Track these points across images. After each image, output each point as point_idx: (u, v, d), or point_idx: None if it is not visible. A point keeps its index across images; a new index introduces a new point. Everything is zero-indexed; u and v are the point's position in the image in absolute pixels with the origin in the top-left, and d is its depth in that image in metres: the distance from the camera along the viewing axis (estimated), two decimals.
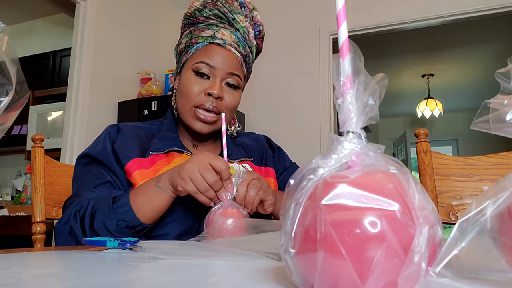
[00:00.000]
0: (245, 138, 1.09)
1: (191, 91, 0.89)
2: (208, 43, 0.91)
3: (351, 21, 3.00)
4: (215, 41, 0.90)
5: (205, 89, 0.89)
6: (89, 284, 0.32)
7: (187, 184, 0.71)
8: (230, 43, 0.91)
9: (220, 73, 0.90)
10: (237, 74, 0.92)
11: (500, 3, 2.68)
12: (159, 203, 0.75)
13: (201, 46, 0.91)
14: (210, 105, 0.88)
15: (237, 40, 0.92)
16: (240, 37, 0.93)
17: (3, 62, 0.41)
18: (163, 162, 0.88)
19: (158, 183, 0.75)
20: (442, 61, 5.23)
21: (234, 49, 0.91)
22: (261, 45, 1.02)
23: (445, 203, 0.99)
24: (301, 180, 0.29)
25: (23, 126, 3.90)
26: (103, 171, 0.86)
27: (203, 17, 0.93)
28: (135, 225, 0.73)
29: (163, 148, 0.90)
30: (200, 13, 0.93)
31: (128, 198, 0.75)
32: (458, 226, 0.27)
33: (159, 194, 0.74)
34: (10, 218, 2.74)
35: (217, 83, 0.89)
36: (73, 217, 0.76)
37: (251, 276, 0.36)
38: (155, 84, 2.90)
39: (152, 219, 0.76)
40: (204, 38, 0.91)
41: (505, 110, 0.29)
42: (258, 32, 0.99)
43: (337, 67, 0.31)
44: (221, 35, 0.91)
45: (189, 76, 0.91)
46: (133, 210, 0.73)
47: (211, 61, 0.89)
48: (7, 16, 4.34)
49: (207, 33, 0.92)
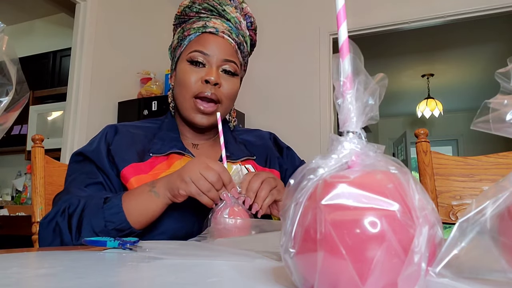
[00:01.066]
0: (248, 135, 1.05)
1: (188, 80, 0.88)
2: (200, 33, 0.90)
3: (351, 21, 3.01)
4: (208, 30, 0.90)
5: (201, 76, 0.88)
6: (89, 284, 0.32)
7: (189, 186, 0.70)
8: (223, 30, 0.90)
9: (215, 60, 0.89)
10: (233, 61, 0.91)
11: (500, 3, 2.68)
12: (152, 208, 0.73)
13: (194, 36, 0.91)
14: (209, 92, 0.87)
15: (229, 28, 0.91)
16: (232, 26, 0.92)
17: (3, 62, 0.41)
18: (162, 166, 0.86)
19: (153, 188, 0.73)
20: (442, 61, 5.23)
21: (228, 36, 0.90)
22: (254, 37, 1.01)
23: (445, 203, 0.99)
24: (301, 180, 0.29)
25: (23, 126, 3.91)
26: (96, 170, 0.84)
27: (193, 13, 0.93)
28: (123, 228, 0.71)
29: (163, 150, 0.88)
30: (190, 9, 0.93)
31: (120, 200, 0.73)
32: (458, 226, 0.27)
33: (153, 199, 0.72)
34: (10, 218, 2.74)
35: (214, 69, 0.88)
36: (60, 214, 0.74)
37: (251, 276, 0.36)
38: (155, 84, 2.90)
39: (142, 224, 0.74)
40: (196, 29, 0.91)
41: (505, 110, 0.29)
42: (250, 24, 0.97)
43: (337, 67, 0.31)
44: (213, 24, 0.90)
45: (184, 66, 0.90)
46: (124, 213, 0.71)
47: (205, 49, 0.88)
48: (7, 16, 4.34)
49: (198, 24, 0.91)
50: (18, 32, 4.42)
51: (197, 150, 0.96)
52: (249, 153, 0.97)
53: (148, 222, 0.74)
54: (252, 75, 3.32)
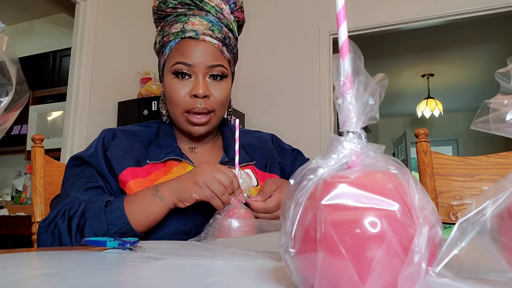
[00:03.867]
0: (248, 137, 1.01)
1: (175, 96, 0.86)
2: (180, 39, 0.86)
3: (351, 21, 2.98)
4: (187, 35, 0.85)
5: (189, 91, 0.85)
6: (89, 284, 0.32)
7: (203, 189, 0.70)
8: (203, 31, 0.85)
9: (201, 69, 0.85)
10: (219, 64, 0.86)
11: (500, 3, 2.68)
12: (156, 212, 0.72)
13: (173, 44, 0.87)
14: (199, 106, 0.85)
15: (210, 25, 0.86)
16: (213, 19, 0.87)
17: (3, 62, 0.41)
18: (160, 173, 0.85)
19: (157, 192, 0.73)
20: (442, 61, 5.23)
21: (209, 37, 0.85)
22: (242, 16, 0.94)
23: (445, 203, 0.99)
24: (301, 180, 0.29)
25: (23, 126, 3.91)
26: (96, 174, 0.84)
27: (170, 9, 0.88)
28: (126, 232, 0.71)
29: (160, 157, 0.86)
30: (165, 4, 0.88)
31: (122, 203, 0.73)
32: (458, 226, 0.27)
33: (157, 203, 0.72)
34: (10, 218, 2.74)
35: (200, 81, 0.85)
36: (60, 216, 0.73)
37: (251, 276, 0.36)
38: (155, 84, 2.90)
39: (144, 228, 0.73)
40: (174, 34, 0.86)
41: (505, 110, 0.29)
42: (233, 5, 0.92)
43: (337, 67, 0.31)
44: (191, 25, 0.85)
45: (170, 80, 0.87)
46: (126, 215, 0.71)
47: (187, 59, 0.84)
48: (7, 16, 4.34)
49: (176, 27, 0.86)
50: (18, 32, 4.42)
51: (194, 154, 0.95)
52: (249, 158, 0.94)
53: (151, 226, 0.74)
54: (252, 75, 3.33)
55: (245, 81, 3.08)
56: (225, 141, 0.98)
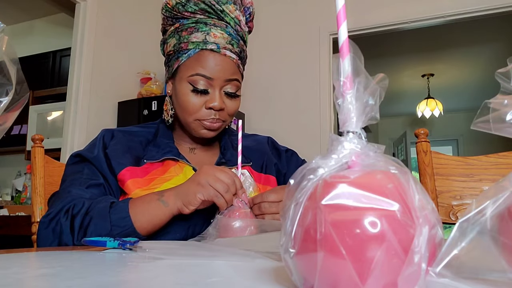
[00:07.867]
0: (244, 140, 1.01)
1: (191, 106, 0.86)
2: (200, 49, 0.85)
3: (351, 21, 2.99)
4: (208, 47, 0.84)
5: (205, 102, 0.86)
6: (89, 284, 0.32)
7: (207, 188, 0.71)
8: (224, 45, 0.85)
9: (219, 82, 0.86)
10: (235, 79, 0.88)
11: (500, 3, 2.68)
12: (159, 216, 0.73)
13: (193, 53, 0.85)
14: (213, 118, 0.87)
15: (230, 39, 0.86)
16: (232, 32, 0.87)
17: (3, 62, 0.41)
18: (158, 172, 0.86)
19: (161, 197, 0.74)
20: (442, 61, 5.23)
21: (229, 51, 0.86)
22: (252, 26, 0.96)
23: (445, 203, 0.99)
24: (301, 180, 0.29)
25: (23, 126, 3.91)
26: (96, 172, 0.84)
27: (188, 13, 0.86)
28: (129, 234, 0.72)
29: (158, 157, 0.87)
30: (184, 7, 0.86)
31: (127, 205, 0.73)
32: (458, 226, 0.27)
33: (161, 207, 0.73)
34: (10, 218, 2.74)
35: (217, 95, 0.86)
36: (63, 214, 0.74)
37: (251, 276, 0.36)
38: (155, 84, 2.90)
39: (147, 231, 0.74)
40: (195, 44, 0.85)
41: (505, 110, 0.29)
42: (249, 15, 0.93)
43: (337, 67, 0.31)
44: (213, 37, 0.85)
45: (185, 90, 0.86)
46: (131, 217, 0.72)
47: (207, 71, 0.84)
48: (7, 16, 4.34)
49: (197, 37, 0.85)
50: (18, 32, 4.42)
51: (193, 154, 0.95)
52: (246, 159, 0.95)
53: (154, 230, 0.75)
54: (252, 75, 3.33)
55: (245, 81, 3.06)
56: (222, 142, 1.00)
